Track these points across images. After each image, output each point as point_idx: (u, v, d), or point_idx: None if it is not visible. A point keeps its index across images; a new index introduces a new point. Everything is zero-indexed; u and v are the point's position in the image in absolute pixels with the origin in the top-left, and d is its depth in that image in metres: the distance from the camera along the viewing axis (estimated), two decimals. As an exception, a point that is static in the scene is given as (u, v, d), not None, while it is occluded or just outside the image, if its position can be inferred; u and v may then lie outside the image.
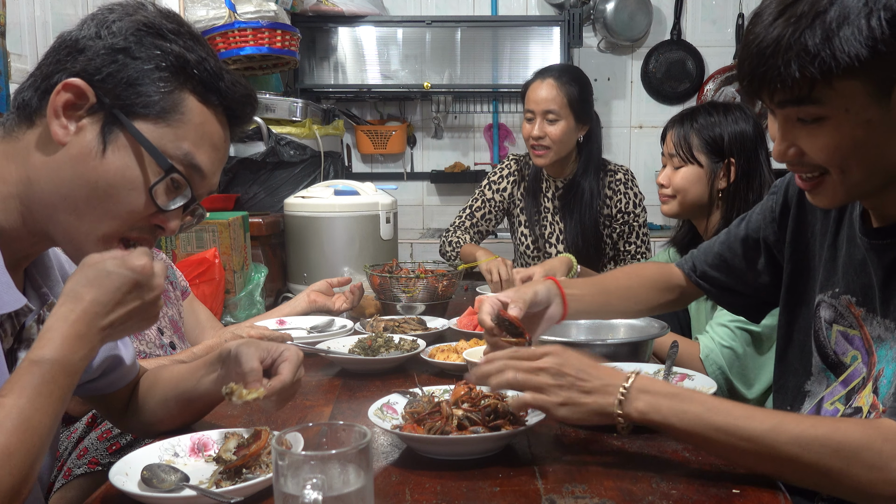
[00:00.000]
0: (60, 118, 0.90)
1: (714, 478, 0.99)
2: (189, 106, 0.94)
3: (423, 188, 4.22)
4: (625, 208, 2.53)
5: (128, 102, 0.91)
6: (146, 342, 1.71)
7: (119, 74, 0.91)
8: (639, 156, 4.14)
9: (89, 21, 0.94)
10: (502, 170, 2.68)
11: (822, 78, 0.90)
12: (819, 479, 0.94)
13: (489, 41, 3.83)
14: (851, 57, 0.87)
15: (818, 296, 1.19)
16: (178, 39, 0.94)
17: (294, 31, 3.06)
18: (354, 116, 4.10)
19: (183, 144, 0.94)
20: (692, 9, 4.10)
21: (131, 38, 0.92)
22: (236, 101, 0.99)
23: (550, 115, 2.42)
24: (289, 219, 2.72)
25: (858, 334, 1.11)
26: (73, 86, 0.89)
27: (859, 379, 1.11)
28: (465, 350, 1.48)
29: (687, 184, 1.87)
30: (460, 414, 1.07)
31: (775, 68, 0.92)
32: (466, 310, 1.86)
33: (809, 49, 0.89)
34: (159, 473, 0.97)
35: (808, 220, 1.24)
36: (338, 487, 0.74)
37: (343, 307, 1.95)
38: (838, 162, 0.98)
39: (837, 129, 0.94)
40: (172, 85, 0.93)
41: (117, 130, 0.91)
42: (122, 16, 0.93)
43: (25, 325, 0.95)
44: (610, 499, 0.93)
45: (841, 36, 0.87)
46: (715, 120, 1.86)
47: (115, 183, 0.91)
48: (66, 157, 0.91)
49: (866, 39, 0.87)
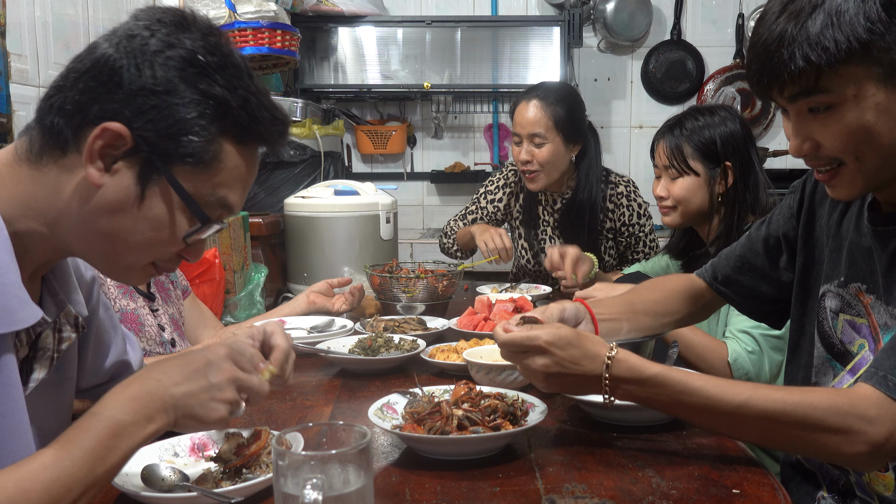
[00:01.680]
0: (97, 161, 0.86)
1: (714, 478, 0.99)
2: (227, 152, 0.91)
3: (423, 188, 4.22)
4: (628, 221, 2.47)
5: (166, 150, 0.87)
6: (147, 339, 1.72)
7: (160, 122, 0.86)
8: (639, 156, 4.14)
9: (125, 41, 0.87)
10: (499, 179, 2.64)
11: (826, 65, 0.93)
12: (792, 446, 1.06)
13: (489, 41, 3.82)
14: (851, 40, 0.92)
15: (823, 286, 1.20)
16: (220, 78, 0.89)
17: (294, 31, 3.06)
18: (354, 116, 4.10)
19: (219, 191, 0.92)
20: (692, 9, 4.10)
21: (175, 80, 0.86)
22: (273, 140, 0.97)
23: (537, 139, 2.35)
24: (289, 219, 2.72)
25: (866, 322, 1.11)
26: (112, 131, 0.85)
27: (867, 367, 1.11)
28: (465, 350, 1.48)
29: (688, 194, 1.84)
30: (460, 414, 1.07)
31: (781, 62, 0.96)
32: (466, 310, 1.86)
33: (811, 38, 0.93)
34: (159, 473, 0.98)
35: (817, 212, 1.25)
36: (338, 487, 0.74)
37: (342, 308, 1.95)
38: (852, 149, 1.00)
39: (848, 116, 0.97)
40: (213, 133, 0.89)
41: (155, 178, 0.88)
42: (163, 46, 0.87)
43: (41, 335, 0.94)
44: (610, 499, 0.93)
45: (840, 22, 0.92)
46: (703, 123, 1.83)
47: (150, 231, 0.90)
48: (102, 202, 0.88)
49: (864, 23, 0.91)
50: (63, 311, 0.98)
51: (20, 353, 0.90)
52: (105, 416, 0.81)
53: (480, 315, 1.81)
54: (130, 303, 1.72)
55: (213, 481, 0.98)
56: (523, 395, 1.18)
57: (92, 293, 1.09)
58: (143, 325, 1.73)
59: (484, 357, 1.40)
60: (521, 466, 1.04)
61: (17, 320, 0.84)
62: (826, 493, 1.17)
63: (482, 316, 1.80)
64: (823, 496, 1.17)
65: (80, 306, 1.02)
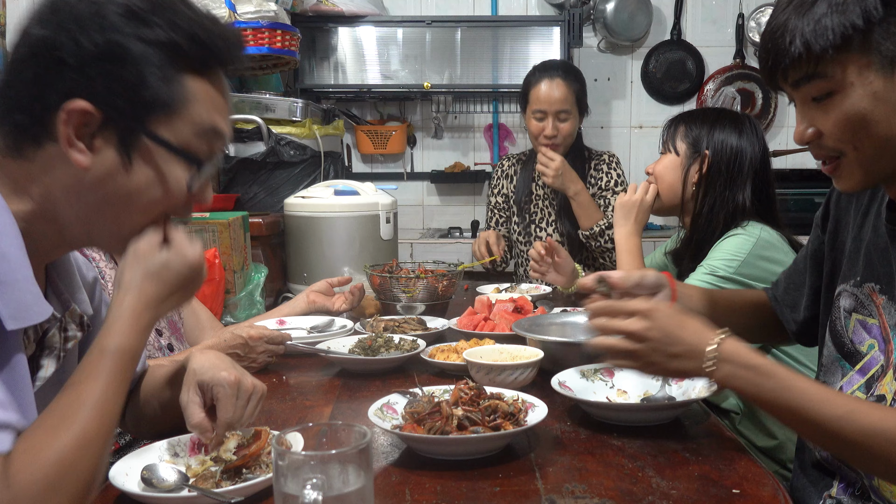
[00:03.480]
0: (76, 144, 0.85)
1: (714, 478, 0.99)
2: (193, 87, 0.90)
3: (423, 188, 4.22)
4: (605, 185, 2.62)
5: (135, 111, 0.87)
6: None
7: (117, 84, 0.85)
8: (639, 156, 4.14)
9: (49, 16, 0.86)
10: (497, 171, 2.85)
11: (822, 51, 0.98)
12: (885, 470, 0.99)
13: (489, 41, 3.82)
14: (848, 27, 0.96)
15: (840, 286, 1.20)
16: (158, 20, 0.86)
17: (294, 31, 3.06)
18: (354, 116, 4.10)
19: (198, 124, 0.91)
20: (692, 9, 4.10)
21: (116, 39, 0.84)
22: (231, 58, 0.94)
23: (563, 114, 2.54)
24: (289, 219, 2.72)
25: (877, 322, 1.11)
26: (77, 111, 0.84)
27: (878, 367, 1.11)
28: (465, 350, 1.48)
29: (664, 170, 1.94)
30: (460, 414, 1.06)
31: (784, 48, 1.01)
32: (466, 310, 1.86)
33: (811, 25, 0.98)
34: (159, 473, 0.98)
35: (842, 219, 1.26)
36: (338, 487, 0.74)
37: (343, 308, 1.95)
38: (850, 137, 1.02)
39: (846, 103, 1.01)
40: (171, 75, 0.87)
41: (136, 140, 0.88)
42: (92, 9, 0.84)
43: (48, 333, 0.94)
44: (610, 499, 0.93)
45: (839, 11, 0.97)
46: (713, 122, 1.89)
47: (149, 192, 0.90)
48: (93, 180, 0.87)
49: (862, 12, 0.96)
50: (68, 309, 0.98)
51: (28, 349, 0.91)
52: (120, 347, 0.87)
53: (480, 315, 1.81)
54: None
55: (213, 481, 0.98)
56: (523, 395, 1.18)
57: (94, 293, 1.09)
58: (143, 325, 1.72)
59: (484, 357, 1.40)
60: (521, 466, 1.04)
61: (32, 315, 0.84)
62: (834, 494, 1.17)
63: (482, 316, 1.80)
64: (831, 495, 1.16)
65: (85, 305, 1.02)
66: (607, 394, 1.31)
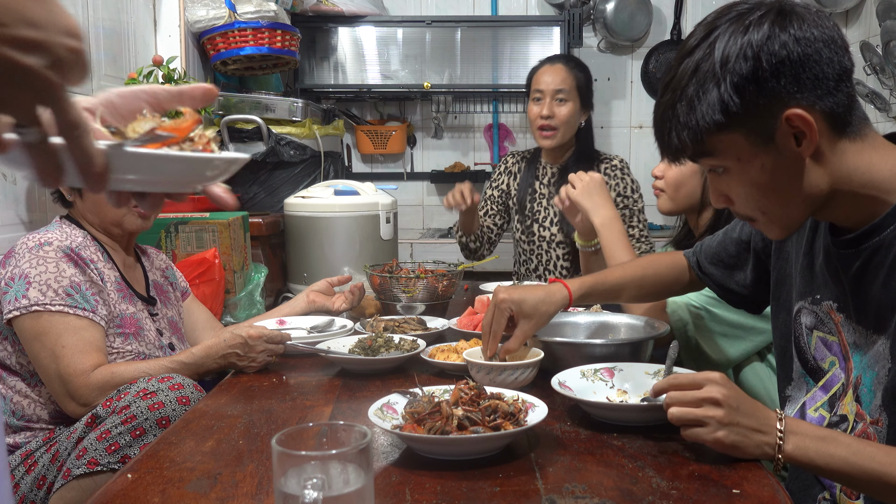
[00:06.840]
0: None
1: (714, 478, 0.99)
2: None
3: (423, 188, 4.22)
4: (623, 192, 2.55)
5: None
6: (146, 343, 1.71)
7: None
8: (639, 156, 4.14)
9: None
10: (500, 166, 2.80)
11: (698, 140, 1.02)
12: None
13: (489, 41, 3.82)
14: (709, 122, 1.00)
15: (798, 302, 1.21)
16: None
17: (294, 31, 3.06)
18: (354, 116, 4.10)
19: None
20: (692, 9, 4.10)
21: None
22: None
23: (560, 95, 2.51)
24: (289, 219, 2.72)
25: (837, 340, 1.13)
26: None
27: (839, 385, 1.13)
28: (465, 350, 1.48)
29: (681, 178, 1.87)
30: (460, 414, 1.06)
31: (663, 138, 1.08)
32: (466, 310, 1.86)
33: (681, 120, 1.03)
34: None
35: None
36: (338, 487, 0.74)
37: (343, 307, 1.95)
38: (755, 205, 1.07)
39: (740, 177, 1.05)
40: None
41: None
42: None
43: None
44: (610, 499, 0.93)
45: (701, 105, 1.00)
46: None
47: None
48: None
49: (719, 104, 0.99)
50: None
51: None
52: None
53: (480, 315, 1.81)
54: (130, 307, 1.72)
55: None
56: (523, 395, 1.18)
57: None
58: (143, 328, 1.73)
59: (484, 357, 1.40)
60: (521, 466, 1.04)
61: None
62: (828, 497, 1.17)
63: (482, 316, 1.80)
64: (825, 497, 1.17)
65: None
66: (607, 394, 1.31)
